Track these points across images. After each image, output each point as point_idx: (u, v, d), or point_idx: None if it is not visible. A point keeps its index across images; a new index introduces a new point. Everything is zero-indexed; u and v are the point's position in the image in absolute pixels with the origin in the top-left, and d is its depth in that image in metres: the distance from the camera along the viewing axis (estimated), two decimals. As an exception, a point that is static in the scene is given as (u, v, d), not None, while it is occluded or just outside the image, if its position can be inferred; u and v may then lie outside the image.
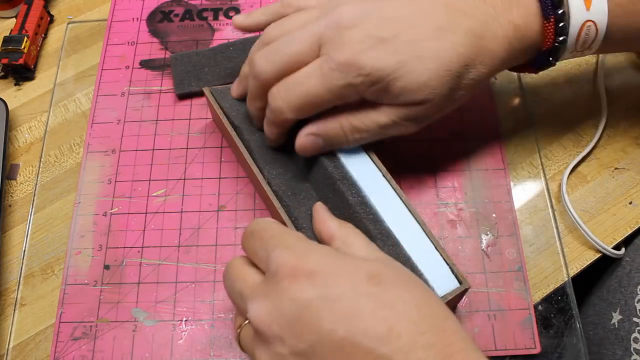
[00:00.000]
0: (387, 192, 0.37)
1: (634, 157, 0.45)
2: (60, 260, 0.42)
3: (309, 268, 0.28)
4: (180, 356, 0.38)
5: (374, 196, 0.37)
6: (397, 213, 0.36)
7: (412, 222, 0.36)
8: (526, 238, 0.42)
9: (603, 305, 0.44)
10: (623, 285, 0.43)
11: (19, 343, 0.40)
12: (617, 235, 0.42)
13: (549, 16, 0.34)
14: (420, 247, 0.35)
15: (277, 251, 0.29)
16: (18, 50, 0.49)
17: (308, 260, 0.28)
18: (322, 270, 0.28)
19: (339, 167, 0.38)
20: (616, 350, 0.41)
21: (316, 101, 0.35)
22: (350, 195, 0.37)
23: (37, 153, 0.47)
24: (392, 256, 0.34)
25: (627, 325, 0.41)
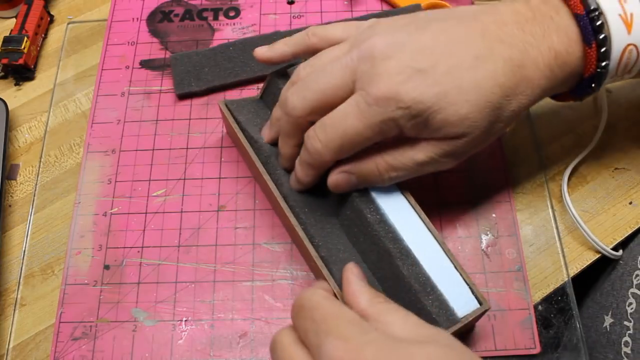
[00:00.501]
0: (406, 211, 0.37)
1: (634, 157, 0.45)
2: (60, 260, 0.42)
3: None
4: (180, 356, 0.38)
5: (393, 214, 0.36)
6: (416, 232, 0.36)
7: (431, 241, 0.36)
8: (526, 238, 0.42)
9: (596, 308, 0.44)
10: (615, 288, 0.43)
11: (19, 343, 0.40)
12: (617, 235, 0.42)
13: (590, 42, 0.33)
14: (440, 266, 0.35)
15: (329, 342, 0.27)
16: (18, 50, 0.49)
17: (363, 354, 0.26)
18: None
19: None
20: (607, 354, 0.41)
21: (356, 140, 0.34)
22: (368, 213, 0.36)
23: (37, 153, 0.47)
24: (412, 276, 0.33)
25: (618, 329, 0.41)
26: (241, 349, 0.38)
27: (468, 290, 0.35)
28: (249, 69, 0.48)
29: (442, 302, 0.34)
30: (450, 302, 0.34)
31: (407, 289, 0.35)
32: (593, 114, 0.47)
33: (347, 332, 0.27)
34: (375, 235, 0.36)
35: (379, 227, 0.36)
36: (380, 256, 0.36)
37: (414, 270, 0.35)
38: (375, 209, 0.36)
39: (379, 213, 0.36)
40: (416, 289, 0.34)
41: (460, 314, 0.34)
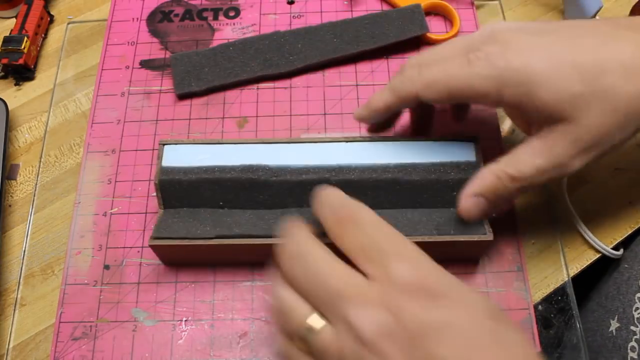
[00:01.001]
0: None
1: (634, 157, 0.45)
2: (60, 260, 0.42)
3: (435, 289, 0.26)
4: (180, 356, 0.38)
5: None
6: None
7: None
8: (526, 238, 0.42)
9: (602, 312, 0.44)
10: (621, 292, 0.43)
11: (19, 343, 0.40)
12: (617, 235, 0.42)
13: None
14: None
15: (401, 262, 0.27)
16: (18, 50, 0.49)
17: (434, 280, 0.27)
18: (447, 294, 0.26)
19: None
20: (613, 359, 0.41)
21: (450, 83, 0.33)
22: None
23: (37, 153, 0.47)
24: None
25: (625, 334, 0.41)
26: (241, 348, 0.38)
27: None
28: (249, 69, 0.48)
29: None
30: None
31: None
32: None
33: (418, 257, 0.28)
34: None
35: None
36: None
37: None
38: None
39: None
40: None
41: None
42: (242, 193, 0.38)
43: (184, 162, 0.39)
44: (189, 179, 0.38)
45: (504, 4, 0.52)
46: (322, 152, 0.39)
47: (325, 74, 0.49)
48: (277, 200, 0.38)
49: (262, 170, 0.38)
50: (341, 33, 0.49)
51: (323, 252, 0.29)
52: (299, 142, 0.39)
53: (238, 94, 0.48)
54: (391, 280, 0.26)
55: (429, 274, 0.27)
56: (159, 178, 0.38)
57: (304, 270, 0.28)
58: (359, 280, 0.27)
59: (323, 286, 0.27)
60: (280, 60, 0.48)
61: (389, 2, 0.52)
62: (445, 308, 0.26)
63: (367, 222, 0.29)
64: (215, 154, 0.39)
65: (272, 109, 0.47)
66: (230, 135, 0.46)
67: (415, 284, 0.26)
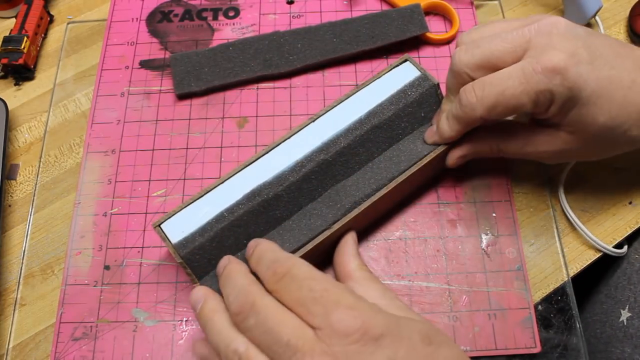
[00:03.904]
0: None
1: (633, 157, 0.45)
2: (60, 260, 0.42)
3: (375, 331, 0.28)
4: (181, 356, 0.38)
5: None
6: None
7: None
8: (526, 238, 0.42)
9: (611, 303, 0.44)
10: (632, 282, 0.42)
11: (19, 343, 0.40)
12: (617, 235, 0.42)
13: None
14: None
15: (341, 311, 0.28)
16: (18, 50, 0.49)
17: (375, 322, 0.28)
18: (386, 333, 0.28)
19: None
20: (625, 348, 0.41)
21: (510, 103, 0.34)
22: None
23: (37, 153, 0.47)
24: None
25: (637, 323, 0.41)
26: (242, 348, 0.38)
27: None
28: (249, 69, 0.48)
29: None
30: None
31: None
32: (593, 114, 0.47)
33: (356, 303, 0.29)
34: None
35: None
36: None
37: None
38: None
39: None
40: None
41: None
42: (260, 219, 0.37)
43: (190, 227, 0.36)
44: (208, 238, 0.36)
45: (503, 4, 0.52)
46: (301, 141, 0.39)
47: (325, 73, 0.49)
48: (292, 206, 0.38)
49: (266, 188, 0.37)
50: (341, 33, 0.49)
51: (274, 304, 0.30)
52: (277, 145, 0.39)
53: (238, 94, 0.48)
54: (334, 331, 0.28)
55: (368, 316, 0.28)
56: (180, 255, 0.36)
57: (257, 322, 0.29)
58: (308, 332, 0.28)
59: (276, 338, 0.28)
60: (280, 60, 0.48)
61: (388, 2, 0.52)
62: (386, 348, 0.28)
63: (302, 276, 0.30)
64: (213, 202, 0.37)
65: (272, 109, 0.47)
66: (231, 135, 0.46)
67: (357, 330, 0.28)
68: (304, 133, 0.39)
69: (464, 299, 0.39)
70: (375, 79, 0.41)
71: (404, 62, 0.42)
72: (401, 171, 0.39)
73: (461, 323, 0.39)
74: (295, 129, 0.39)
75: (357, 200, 0.38)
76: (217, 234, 0.36)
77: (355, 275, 0.35)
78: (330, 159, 0.38)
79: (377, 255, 0.41)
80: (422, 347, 0.29)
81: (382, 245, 0.42)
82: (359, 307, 0.29)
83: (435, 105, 0.41)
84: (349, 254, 0.36)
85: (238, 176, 0.38)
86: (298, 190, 0.38)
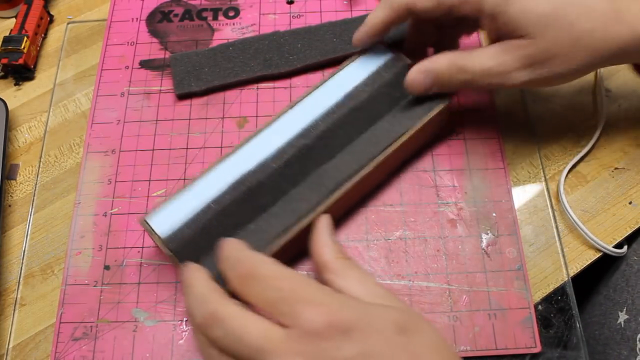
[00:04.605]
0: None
1: (633, 157, 0.45)
2: (60, 260, 0.42)
3: (345, 324, 0.28)
4: (181, 356, 0.38)
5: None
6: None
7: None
8: (526, 238, 0.42)
9: (609, 305, 0.44)
10: (630, 284, 0.42)
11: (19, 343, 0.39)
12: (617, 235, 0.42)
13: None
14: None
15: (309, 310, 0.28)
16: (18, 50, 0.49)
17: (342, 316, 0.28)
18: (357, 326, 0.28)
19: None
20: (622, 350, 0.41)
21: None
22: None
23: (37, 153, 0.47)
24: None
25: (634, 325, 0.41)
26: (242, 348, 0.38)
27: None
28: (249, 69, 0.48)
29: None
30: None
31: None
32: (593, 114, 0.47)
33: (323, 299, 0.29)
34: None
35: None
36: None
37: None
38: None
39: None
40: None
41: None
42: (245, 207, 0.38)
43: (177, 221, 0.37)
44: (195, 229, 0.37)
45: None
46: (281, 128, 0.40)
47: (325, 73, 0.49)
48: (276, 192, 0.39)
49: (249, 177, 0.38)
50: (340, 33, 0.49)
51: (236, 309, 0.29)
52: (258, 133, 0.40)
53: (238, 94, 0.48)
54: (304, 328, 0.27)
55: (336, 310, 0.28)
56: (169, 249, 0.36)
57: (223, 331, 0.29)
58: (276, 333, 0.28)
59: (244, 344, 0.28)
60: (280, 60, 0.48)
61: (388, 2, 0.52)
62: (358, 341, 0.27)
63: (267, 275, 0.29)
64: (198, 194, 0.38)
65: (272, 108, 0.47)
66: (231, 135, 0.46)
67: (325, 326, 0.27)
68: (283, 120, 0.40)
69: (464, 299, 0.39)
70: (349, 62, 0.43)
71: (380, 45, 0.43)
72: (380, 150, 0.40)
73: (461, 323, 0.39)
74: (275, 117, 0.41)
75: (339, 182, 0.39)
76: (205, 225, 0.37)
77: (331, 266, 0.33)
78: (311, 144, 0.39)
79: (377, 255, 0.41)
80: (395, 337, 0.28)
81: (382, 245, 0.42)
82: (326, 302, 0.28)
83: None
84: (323, 243, 0.34)
85: (221, 166, 0.39)
86: (281, 176, 0.39)
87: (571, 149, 0.45)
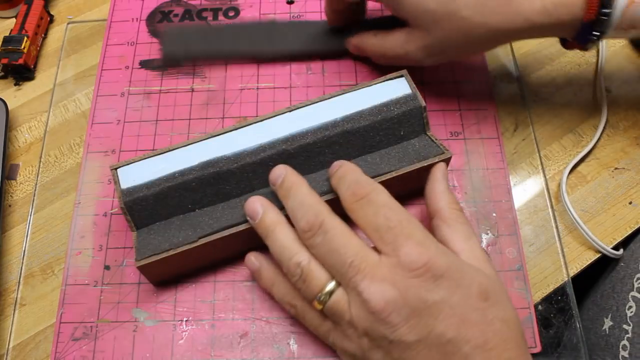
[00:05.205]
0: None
1: (634, 157, 0.45)
2: (60, 260, 0.42)
3: (439, 271, 0.30)
4: (181, 356, 0.38)
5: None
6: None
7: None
8: (526, 238, 0.42)
9: (596, 310, 0.44)
10: (616, 291, 0.43)
11: (19, 343, 0.39)
12: (617, 235, 0.42)
13: None
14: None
15: (410, 245, 0.30)
16: (18, 50, 0.49)
17: (439, 263, 0.30)
18: (449, 276, 0.30)
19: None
20: (606, 357, 0.41)
21: None
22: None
23: (37, 153, 0.47)
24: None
25: (617, 332, 0.41)
26: (242, 349, 0.38)
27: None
28: (235, 50, 0.49)
29: None
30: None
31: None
32: (593, 114, 0.47)
33: (424, 241, 0.31)
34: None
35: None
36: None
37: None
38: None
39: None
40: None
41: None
42: (209, 189, 0.38)
43: (142, 178, 0.38)
44: (153, 192, 0.37)
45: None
46: (271, 127, 0.39)
47: (325, 73, 0.49)
48: (244, 186, 0.39)
49: (221, 162, 0.38)
50: (331, 29, 0.50)
51: (341, 226, 0.32)
52: (247, 124, 0.40)
53: (238, 94, 0.48)
54: (400, 261, 0.30)
55: (433, 255, 0.30)
56: (123, 201, 0.37)
57: (324, 240, 0.32)
58: (371, 256, 0.31)
59: (340, 258, 0.31)
60: (268, 45, 0.50)
61: (388, 2, 0.52)
62: (444, 289, 0.30)
63: (381, 202, 0.32)
64: (171, 161, 0.38)
65: (272, 109, 0.47)
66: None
67: (421, 266, 0.30)
68: (277, 120, 0.40)
69: (464, 299, 0.39)
70: (365, 85, 0.41)
71: (400, 77, 0.41)
72: None
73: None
74: (270, 114, 0.40)
75: None
76: (162, 191, 0.38)
77: (443, 214, 0.35)
78: (292, 151, 0.39)
79: (377, 255, 0.41)
80: (476, 300, 0.30)
81: (382, 245, 0.41)
82: (427, 245, 0.31)
83: (419, 128, 0.40)
84: (440, 190, 0.36)
85: (202, 144, 0.39)
86: (252, 172, 0.39)
87: (571, 149, 0.45)
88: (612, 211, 0.43)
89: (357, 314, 0.31)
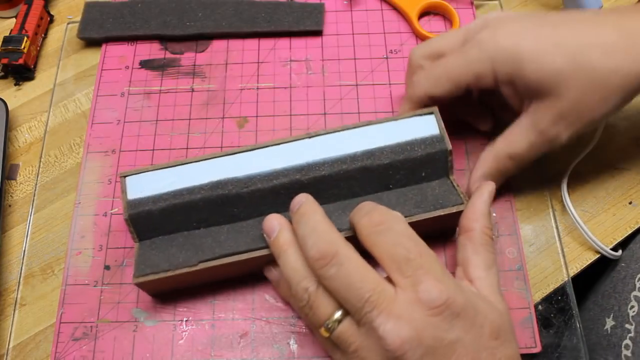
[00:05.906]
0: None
1: (634, 157, 0.45)
2: (60, 260, 0.42)
3: (456, 310, 0.29)
4: (181, 356, 0.38)
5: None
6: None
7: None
8: (526, 238, 0.42)
9: (597, 311, 0.44)
10: (617, 291, 0.43)
11: (19, 343, 0.40)
12: (617, 235, 0.42)
13: None
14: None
15: (429, 281, 0.29)
16: (18, 50, 0.49)
17: (457, 302, 0.29)
18: (465, 315, 0.30)
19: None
20: (608, 356, 0.41)
21: (451, 75, 0.37)
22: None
23: (37, 153, 0.47)
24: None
25: (619, 332, 0.41)
26: (242, 348, 0.38)
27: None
28: (147, 27, 0.51)
29: None
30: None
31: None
32: (593, 114, 0.47)
33: (443, 277, 0.30)
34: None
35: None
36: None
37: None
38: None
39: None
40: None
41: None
42: (216, 210, 0.37)
43: (150, 190, 0.37)
44: (159, 208, 0.37)
45: (503, 4, 0.52)
46: (288, 152, 0.38)
47: (325, 73, 0.49)
48: (252, 210, 0.38)
49: (231, 184, 0.37)
50: (242, 11, 0.51)
51: (356, 257, 0.31)
52: (263, 146, 0.38)
53: (238, 94, 0.48)
54: (418, 296, 0.29)
55: (452, 294, 0.29)
56: (128, 213, 0.37)
57: (338, 272, 0.30)
58: (388, 290, 0.30)
59: (356, 292, 0.29)
60: (178, 23, 0.50)
61: (388, 2, 0.52)
62: (459, 328, 0.29)
63: (400, 232, 0.31)
64: (180, 176, 0.37)
65: (272, 108, 0.47)
66: (231, 135, 0.46)
67: (440, 305, 0.29)
68: (295, 145, 0.38)
69: (464, 299, 0.39)
70: (392, 119, 0.39)
71: (429, 114, 0.39)
72: None
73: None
74: (288, 138, 0.38)
75: None
76: (168, 207, 0.37)
77: (474, 236, 0.34)
78: (306, 182, 0.37)
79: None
80: (488, 339, 0.30)
81: (382, 245, 0.41)
82: (446, 282, 0.30)
83: (442, 171, 0.38)
84: (479, 210, 0.35)
85: (215, 161, 0.38)
86: (262, 198, 0.37)
87: (571, 149, 0.45)
88: (612, 211, 0.43)
89: (369, 348, 0.30)
